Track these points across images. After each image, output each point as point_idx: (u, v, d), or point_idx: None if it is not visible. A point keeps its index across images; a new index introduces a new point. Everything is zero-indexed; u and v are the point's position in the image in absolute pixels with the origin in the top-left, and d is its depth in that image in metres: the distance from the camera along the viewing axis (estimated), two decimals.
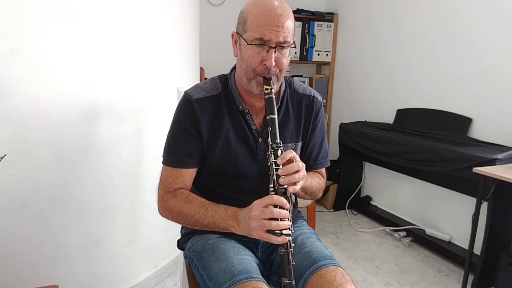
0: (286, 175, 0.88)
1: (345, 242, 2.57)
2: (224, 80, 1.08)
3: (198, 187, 1.10)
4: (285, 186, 0.89)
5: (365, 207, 3.04)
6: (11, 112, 1.33)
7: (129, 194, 1.76)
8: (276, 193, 0.89)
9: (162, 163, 1.05)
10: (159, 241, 1.94)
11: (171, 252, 2.06)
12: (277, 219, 0.85)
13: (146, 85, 1.78)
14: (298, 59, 3.26)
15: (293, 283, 0.85)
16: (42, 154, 1.42)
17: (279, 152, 0.91)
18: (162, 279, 2.00)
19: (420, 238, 2.49)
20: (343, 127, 2.92)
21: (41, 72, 1.38)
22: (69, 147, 1.50)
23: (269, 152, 0.91)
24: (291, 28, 0.93)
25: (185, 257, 1.13)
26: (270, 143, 0.92)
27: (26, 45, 1.33)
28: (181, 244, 1.18)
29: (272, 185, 0.90)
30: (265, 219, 0.85)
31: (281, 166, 0.89)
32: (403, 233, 2.56)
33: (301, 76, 3.38)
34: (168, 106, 1.82)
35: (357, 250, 2.44)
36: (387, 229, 2.70)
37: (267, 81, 0.95)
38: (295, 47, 0.99)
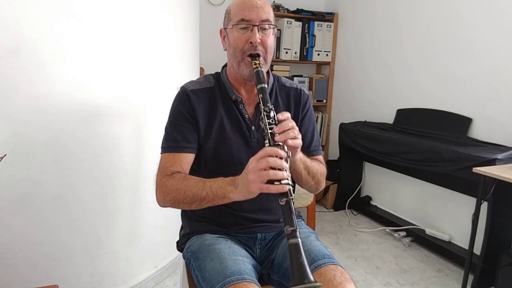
0: (281, 132, 0.88)
1: (345, 242, 2.57)
2: (217, 76, 1.15)
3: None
4: (280, 143, 0.88)
5: (365, 207, 3.04)
6: (11, 112, 1.33)
7: (129, 194, 1.76)
8: None
9: (161, 153, 1.07)
10: (159, 241, 1.94)
11: (171, 252, 2.06)
12: (274, 170, 0.83)
13: (146, 85, 1.78)
14: (298, 59, 3.26)
15: (297, 229, 0.80)
16: (42, 154, 1.42)
17: (272, 114, 0.92)
18: (162, 279, 2.00)
19: (420, 238, 2.49)
20: (343, 127, 2.92)
21: (41, 72, 1.38)
22: (69, 147, 1.50)
23: (262, 115, 0.92)
24: (270, 13, 1.04)
25: (183, 257, 1.14)
26: (262, 107, 0.94)
27: (26, 45, 1.33)
28: (180, 245, 1.19)
29: (267, 142, 0.89)
30: (262, 169, 0.83)
31: (274, 126, 0.90)
32: (403, 233, 2.56)
33: (301, 76, 3.38)
34: (168, 106, 1.82)
35: (357, 250, 2.44)
36: (387, 229, 2.70)
37: (255, 57, 1.02)
38: (276, 27, 1.09)
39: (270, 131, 0.90)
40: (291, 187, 0.84)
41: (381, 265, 2.26)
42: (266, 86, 0.98)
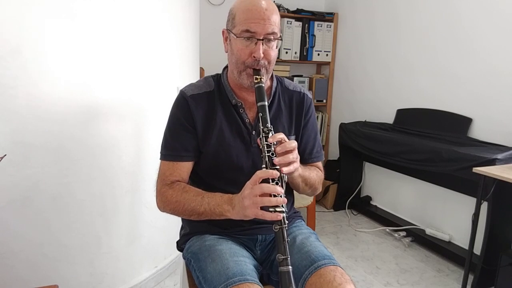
0: (281, 153, 0.89)
1: (345, 242, 2.57)
2: (217, 78, 1.13)
3: (195, 181, 1.11)
4: (278, 167, 0.90)
5: (365, 207, 3.04)
6: (11, 112, 1.33)
7: (129, 194, 1.76)
8: None
9: (160, 158, 1.08)
10: (159, 241, 1.94)
11: (171, 252, 2.06)
12: (270, 196, 0.86)
13: (146, 85, 1.78)
14: (298, 59, 3.26)
15: (289, 258, 0.85)
16: (42, 154, 1.42)
17: (270, 135, 0.93)
18: (162, 279, 2.00)
19: (420, 238, 2.49)
20: (343, 127, 2.92)
21: (41, 72, 1.38)
22: (69, 147, 1.50)
23: (261, 136, 0.93)
24: (277, 22, 0.99)
25: (184, 258, 1.14)
26: (262, 127, 0.94)
27: (27, 45, 1.33)
28: (180, 245, 1.19)
29: (264, 166, 0.91)
30: (257, 196, 0.85)
31: (272, 149, 0.91)
32: (403, 233, 2.56)
33: (301, 76, 3.38)
34: (168, 106, 1.81)
35: (357, 250, 2.44)
36: (387, 229, 2.70)
37: (257, 71, 0.99)
38: (281, 39, 1.04)
39: (268, 154, 0.91)
40: (285, 215, 0.87)
41: (381, 265, 2.26)
42: (266, 104, 0.97)
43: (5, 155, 1.27)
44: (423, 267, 2.24)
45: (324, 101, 3.48)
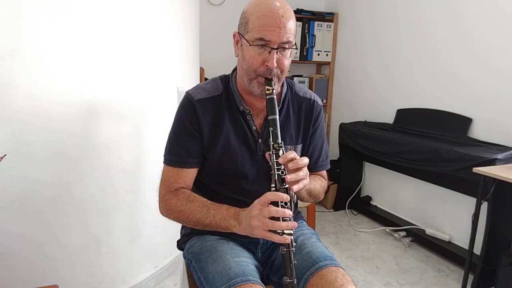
0: (292, 170, 0.87)
1: (345, 242, 2.57)
2: (226, 80, 1.08)
3: (199, 187, 1.10)
4: (286, 186, 0.88)
5: (365, 207, 3.04)
6: (11, 112, 1.32)
7: (129, 194, 1.76)
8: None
9: (164, 163, 1.06)
10: (159, 241, 1.94)
11: (171, 252, 2.06)
12: (278, 218, 0.84)
13: (146, 85, 1.78)
14: (298, 59, 3.26)
15: (295, 282, 0.85)
16: (42, 154, 1.42)
17: (281, 152, 0.90)
18: (162, 279, 2.00)
19: (420, 238, 2.49)
20: (343, 127, 2.92)
21: (41, 72, 1.38)
22: (69, 147, 1.50)
23: (271, 152, 0.91)
24: (292, 29, 0.93)
25: (184, 257, 1.14)
26: (272, 143, 0.91)
27: (26, 45, 1.33)
28: (180, 245, 1.18)
29: (273, 185, 0.89)
30: (266, 217, 0.84)
31: (282, 166, 0.88)
32: (403, 233, 2.56)
33: (301, 76, 3.38)
34: (168, 106, 1.83)
35: (357, 250, 2.44)
36: (387, 229, 2.70)
37: (269, 81, 0.95)
38: (296, 48, 0.98)
39: (278, 172, 0.88)
40: (292, 237, 0.86)
41: (381, 265, 2.26)
42: (278, 117, 0.93)
43: (5, 155, 1.27)
44: (423, 267, 2.24)
45: (324, 101, 3.48)
